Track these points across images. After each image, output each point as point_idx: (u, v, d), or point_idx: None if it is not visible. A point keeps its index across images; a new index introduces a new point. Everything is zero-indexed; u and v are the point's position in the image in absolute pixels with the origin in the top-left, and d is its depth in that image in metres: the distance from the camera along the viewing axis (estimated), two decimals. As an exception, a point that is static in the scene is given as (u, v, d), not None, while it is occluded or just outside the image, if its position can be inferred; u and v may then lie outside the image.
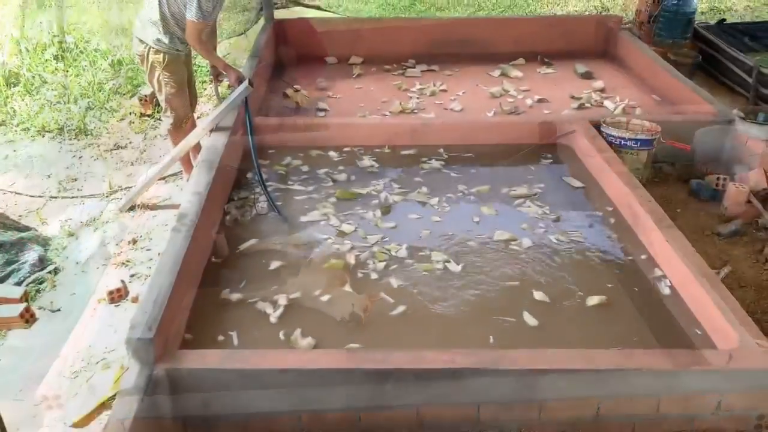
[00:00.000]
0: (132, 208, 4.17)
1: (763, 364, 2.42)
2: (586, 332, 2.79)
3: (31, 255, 3.60)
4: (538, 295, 3.02)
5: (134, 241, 3.83)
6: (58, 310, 3.30)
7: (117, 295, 3.34)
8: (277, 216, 3.62)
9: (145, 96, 5.46)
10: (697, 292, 2.83)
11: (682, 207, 4.10)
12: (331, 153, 4.30)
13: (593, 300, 2.95)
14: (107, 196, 4.35)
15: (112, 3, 8.80)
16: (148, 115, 5.47)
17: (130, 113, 5.51)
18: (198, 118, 5.05)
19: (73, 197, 4.36)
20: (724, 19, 7.17)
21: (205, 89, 5.96)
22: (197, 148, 4.21)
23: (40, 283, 3.47)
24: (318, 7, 7.67)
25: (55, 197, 4.34)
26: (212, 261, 3.23)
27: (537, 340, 2.74)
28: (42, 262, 3.61)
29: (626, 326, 2.84)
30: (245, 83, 4.02)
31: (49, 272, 3.55)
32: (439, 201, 3.80)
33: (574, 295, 3.02)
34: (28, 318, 3.14)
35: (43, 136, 5.18)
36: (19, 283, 3.41)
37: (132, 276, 3.54)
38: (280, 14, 6.87)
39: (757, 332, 2.54)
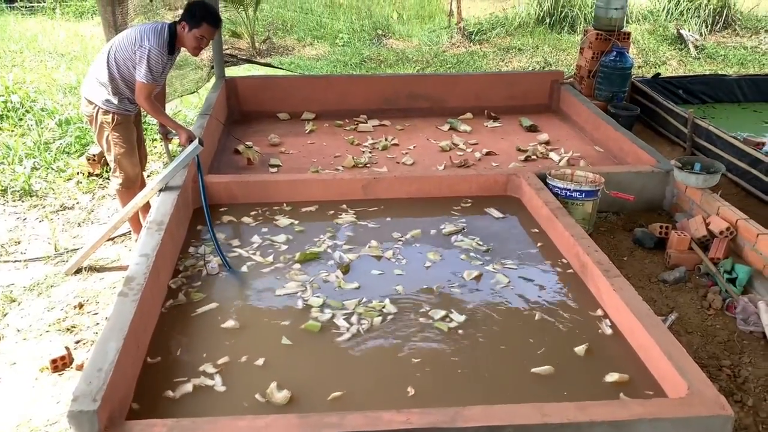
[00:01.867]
0: (79, 271, 4.05)
1: (713, 411, 2.46)
2: (540, 385, 2.81)
3: (-31, 324, 3.45)
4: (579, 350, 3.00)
5: (80, 306, 3.70)
6: (-3, 381, 3.15)
7: (61, 363, 3.21)
8: (230, 274, 3.57)
9: (94, 155, 5.38)
10: (645, 341, 2.88)
11: (628, 255, 4.21)
12: (245, 219, 4.18)
13: (613, 376, 2.83)
14: (52, 259, 4.22)
15: (60, 61, 8.75)
16: (97, 175, 5.39)
17: (78, 173, 5.41)
18: (148, 176, 5.00)
19: (16, 261, 4.21)
20: (659, 74, 7.55)
21: (155, 147, 5.92)
22: (146, 207, 4.15)
23: (-22, 354, 3.31)
24: (269, 65, 7.77)
25: (-3, 261, 4.20)
26: (162, 325, 3.14)
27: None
28: (-19, 331, 3.46)
29: (577, 376, 2.86)
30: (195, 142, 4.01)
31: (-11, 341, 3.40)
32: (394, 253, 3.81)
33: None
34: (-37, 393, 3.01)
35: (-15, 198, 5.04)
36: (-45, 354, 3.26)
37: (77, 342, 3.41)
38: (231, 71, 6.94)
39: (705, 379, 2.59)
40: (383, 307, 3.29)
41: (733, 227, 4.07)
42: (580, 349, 2.98)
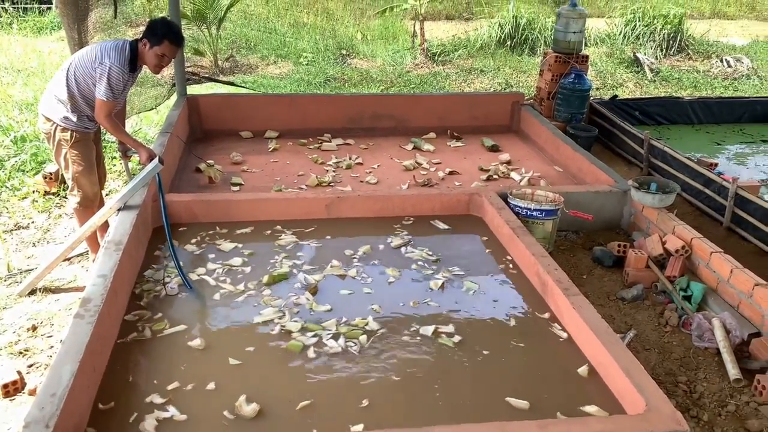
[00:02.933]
0: (33, 292, 3.94)
1: (670, 427, 2.51)
2: (498, 398, 2.82)
3: None
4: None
5: (34, 328, 3.59)
6: (-56, 408, 3.03)
7: (13, 388, 3.10)
8: (190, 293, 3.51)
9: (50, 173, 5.26)
10: (604, 358, 2.93)
11: (588, 274, 4.28)
12: (189, 247, 4.03)
13: (592, 408, 2.84)
14: (5, 280, 4.09)
15: (16, 77, 8.56)
16: (53, 194, 5.26)
17: (34, 191, 5.27)
18: (107, 195, 4.91)
19: (-34, 282, 4.08)
20: (616, 96, 7.76)
21: (115, 166, 5.82)
22: (105, 227, 4.07)
23: (-76, 379, 3.18)
24: (232, 83, 7.73)
25: (-54, 283, 4.05)
26: (119, 347, 3.07)
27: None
28: (-73, 356, 3.32)
29: (538, 394, 2.89)
30: (156, 160, 3.96)
31: (-65, 366, 3.26)
32: (357, 272, 3.81)
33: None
34: None
35: (-65, 217, 4.87)
36: None
37: (30, 366, 3.30)
38: (193, 89, 6.88)
39: (662, 396, 2.64)
40: (366, 325, 3.29)
41: (687, 246, 4.18)
42: (582, 370, 3.01)
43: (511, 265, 3.96)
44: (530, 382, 2.96)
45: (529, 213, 4.39)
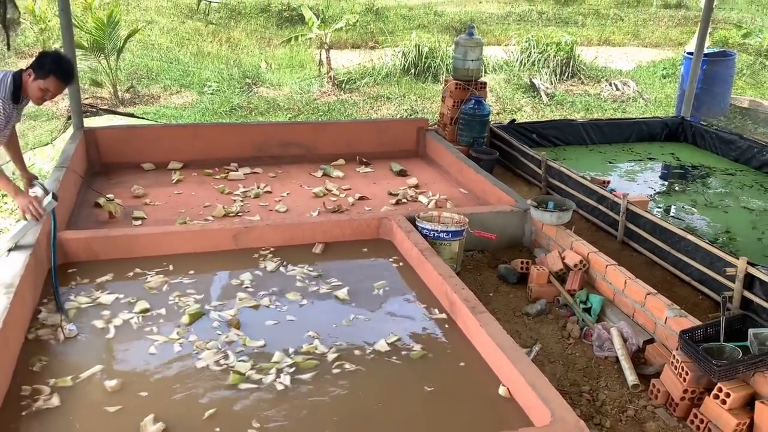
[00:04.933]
0: None
1: (574, 436, 2.61)
2: (413, 418, 2.85)
3: None
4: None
5: None
6: None
7: None
8: (85, 335, 3.34)
9: (-69, 214, 4.91)
10: (511, 373, 3.02)
11: (494, 291, 4.41)
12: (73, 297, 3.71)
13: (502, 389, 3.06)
14: None
15: None
16: (-66, 235, 4.90)
17: None
18: (-4, 235, 4.63)
19: None
20: (514, 120, 8.09)
21: (6, 204, 5.50)
22: (-7, 269, 3.82)
23: None
24: (132, 115, 7.51)
25: None
26: (9, 401, 2.86)
27: None
28: None
29: (447, 411, 2.94)
30: (49, 197, 3.79)
31: None
32: (271, 300, 3.78)
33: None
34: None
35: None
36: None
37: None
38: (92, 122, 6.63)
39: (566, 406, 2.74)
40: (315, 349, 3.32)
41: (585, 260, 4.39)
42: (491, 386, 3.10)
43: (420, 287, 4.03)
44: (440, 399, 3.02)
45: (436, 235, 4.49)
